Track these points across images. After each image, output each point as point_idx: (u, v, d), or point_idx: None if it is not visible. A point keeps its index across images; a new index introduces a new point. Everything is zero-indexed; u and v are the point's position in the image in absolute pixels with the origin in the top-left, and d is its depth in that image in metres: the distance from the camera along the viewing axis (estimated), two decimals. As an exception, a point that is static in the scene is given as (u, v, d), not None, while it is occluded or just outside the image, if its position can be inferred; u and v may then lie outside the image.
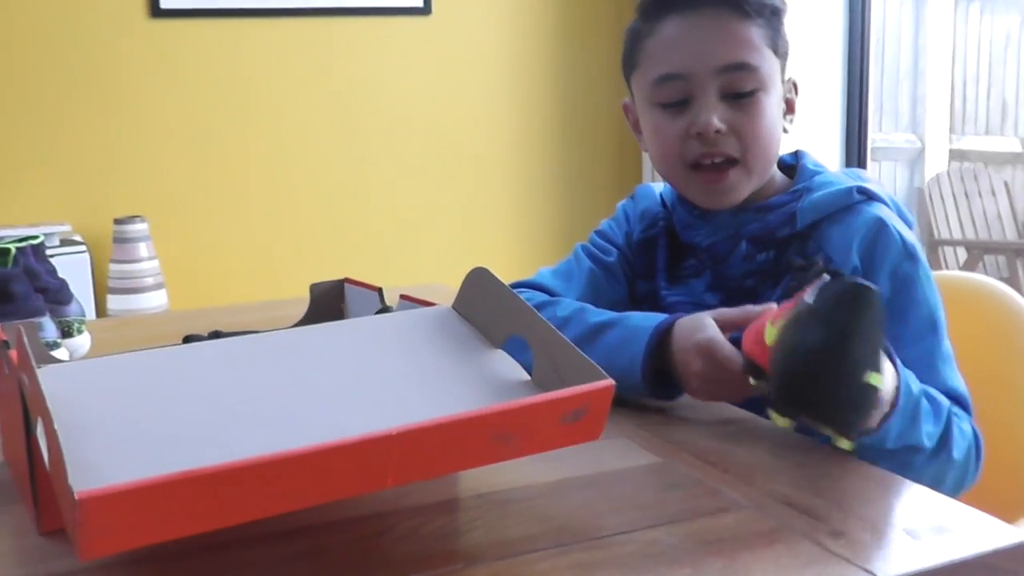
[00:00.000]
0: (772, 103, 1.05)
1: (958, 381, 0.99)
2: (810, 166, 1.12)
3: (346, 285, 1.08)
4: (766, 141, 1.05)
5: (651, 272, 1.16)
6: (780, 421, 0.76)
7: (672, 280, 1.14)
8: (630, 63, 1.10)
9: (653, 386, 0.95)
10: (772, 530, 0.68)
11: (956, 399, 0.97)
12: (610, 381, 0.67)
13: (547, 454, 0.81)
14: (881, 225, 1.02)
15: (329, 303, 1.08)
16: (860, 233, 1.02)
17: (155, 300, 2.77)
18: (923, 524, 0.69)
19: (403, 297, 0.91)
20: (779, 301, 0.84)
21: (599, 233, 1.23)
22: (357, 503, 0.73)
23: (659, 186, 1.21)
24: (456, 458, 0.63)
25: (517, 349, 0.79)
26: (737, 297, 1.06)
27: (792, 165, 1.13)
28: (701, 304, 1.09)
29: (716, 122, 1.02)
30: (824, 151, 3.00)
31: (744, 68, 1.03)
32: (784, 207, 1.07)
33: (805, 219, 1.05)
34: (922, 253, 1.04)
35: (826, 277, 0.78)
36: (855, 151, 3.04)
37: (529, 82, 3.26)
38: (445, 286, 1.53)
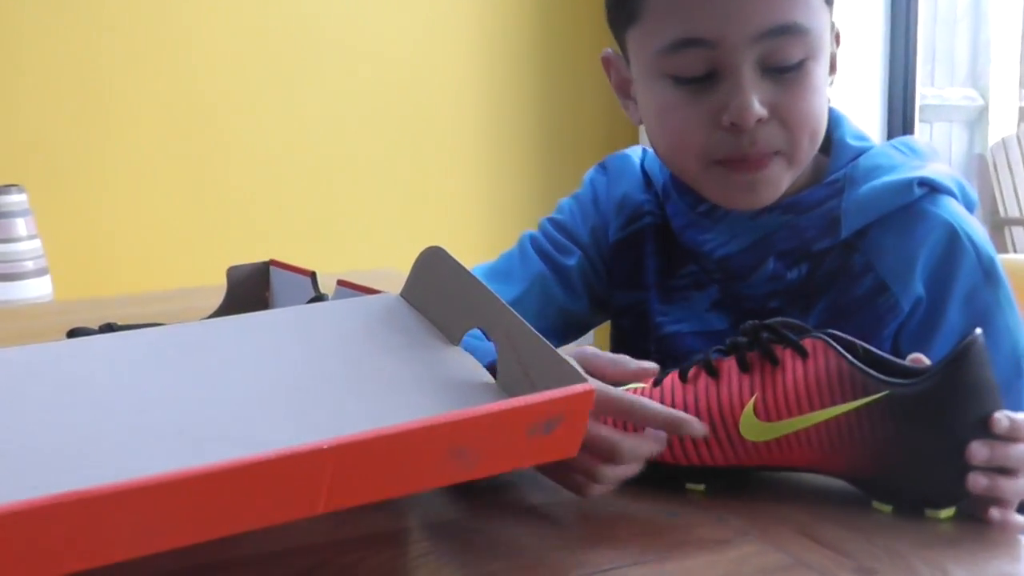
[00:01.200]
0: (822, 73, 0.97)
1: None
2: (850, 140, 1.04)
3: (272, 268, 1.09)
4: (816, 125, 0.98)
5: (635, 283, 1.11)
6: (884, 508, 0.78)
7: (666, 295, 1.08)
8: (624, 13, 1.00)
9: None
10: (785, 567, 0.69)
11: None
12: (590, 385, 0.68)
13: (514, 474, 0.82)
14: (953, 235, 0.97)
15: (250, 290, 1.08)
16: (926, 247, 0.97)
17: (37, 288, 2.76)
18: (968, 559, 0.70)
19: (341, 283, 0.92)
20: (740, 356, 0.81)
21: (555, 224, 1.16)
22: (281, 534, 0.73)
23: (637, 151, 1.15)
24: (403, 478, 0.64)
25: (480, 346, 0.80)
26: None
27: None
28: (707, 332, 1.05)
29: (758, 108, 0.93)
30: (862, 111, 3.02)
31: (792, 31, 0.93)
32: (821, 206, 1.00)
33: (851, 225, 0.99)
34: (1000, 267, 1.00)
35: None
36: (900, 111, 3.06)
37: (501, 36, 3.27)
38: (397, 271, 1.54)
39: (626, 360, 0.84)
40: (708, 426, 0.81)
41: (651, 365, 0.84)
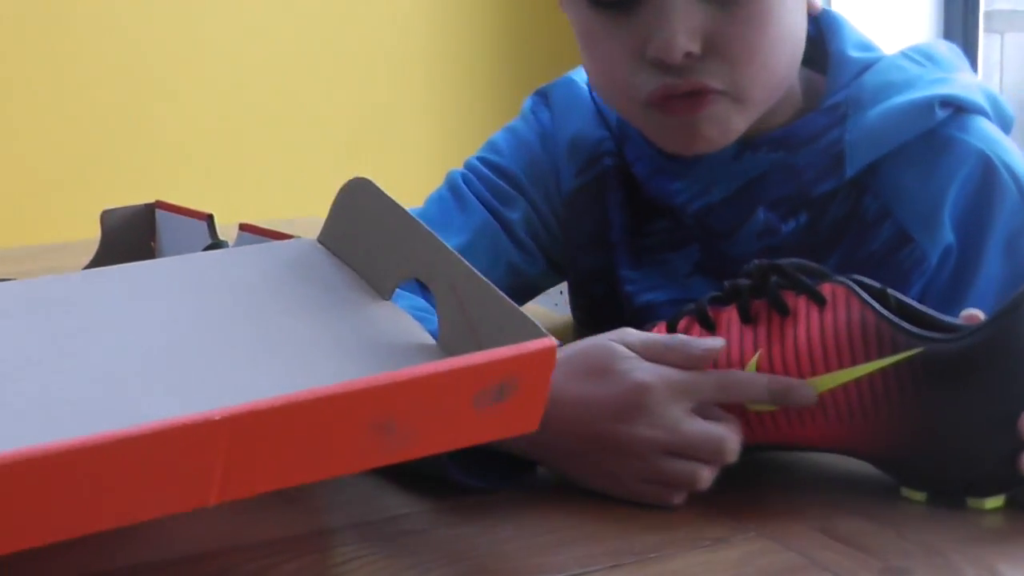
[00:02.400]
0: None
1: None
2: (852, 52, 1.03)
3: (157, 212, 1.09)
4: (772, 58, 0.96)
5: (600, 243, 1.10)
6: (916, 496, 0.79)
7: (635, 257, 1.08)
8: None
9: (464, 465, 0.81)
10: (796, 569, 0.70)
11: None
12: (551, 340, 0.68)
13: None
14: (988, 167, 0.98)
15: (131, 239, 1.08)
16: (955, 184, 0.98)
17: None
18: (1021, 556, 0.71)
19: (244, 228, 0.91)
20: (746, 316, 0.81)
21: (491, 166, 1.14)
22: (168, 535, 0.74)
23: (584, 75, 1.12)
24: (316, 460, 0.64)
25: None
26: None
27: (814, 40, 1.04)
28: (689, 301, 1.02)
29: (684, 42, 0.93)
30: (909, 18, 3.01)
31: None
32: (820, 139, 1.00)
33: (859, 161, 0.98)
34: None
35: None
36: (959, 17, 3.05)
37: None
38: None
39: (686, 341, 0.80)
40: None
41: (718, 343, 0.80)
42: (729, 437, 0.78)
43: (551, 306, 1.44)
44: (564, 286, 1.20)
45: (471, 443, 0.69)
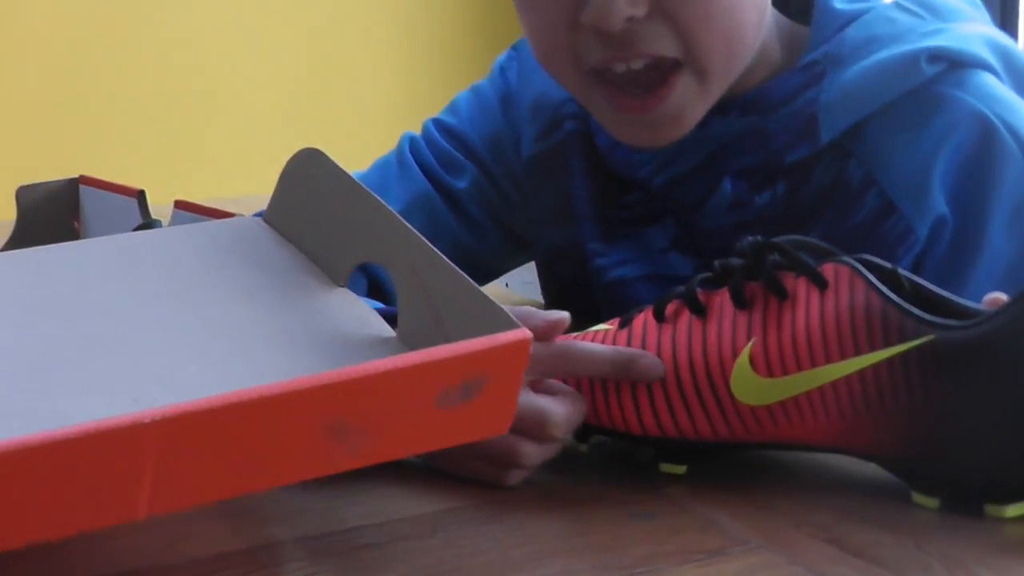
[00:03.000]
0: None
1: None
2: (838, 3, 1.03)
3: (81, 188, 1.09)
4: (732, 24, 0.95)
5: (564, 216, 1.10)
6: (928, 502, 0.78)
7: (606, 229, 1.09)
8: None
9: None
10: (803, 583, 0.70)
11: None
12: (525, 332, 0.68)
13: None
14: (986, 129, 0.97)
15: (52, 218, 1.08)
16: (946, 148, 0.98)
17: None
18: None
19: (179, 205, 0.91)
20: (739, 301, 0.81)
21: (444, 129, 1.16)
22: (93, 552, 0.73)
23: None
24: (260, 468, 0.64)
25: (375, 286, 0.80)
26: None
27: None
28: (666, 277, 1.05)
29: (623, 5, 0.92)
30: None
31: None
32: (793, 101, 1.00)
33: (835, 124, 0.99)
34: None
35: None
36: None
37: None
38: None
39: (530, 313, 0.82)
40: (692, 384, 0.81)
41: (561, 315, 0.82)
42: (552, 411, 0.79)
43: (501, 286, 1.44)
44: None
45: (434, 447, 0.69)
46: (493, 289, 1.21)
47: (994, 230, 0.98)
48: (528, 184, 1.13)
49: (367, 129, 3.22)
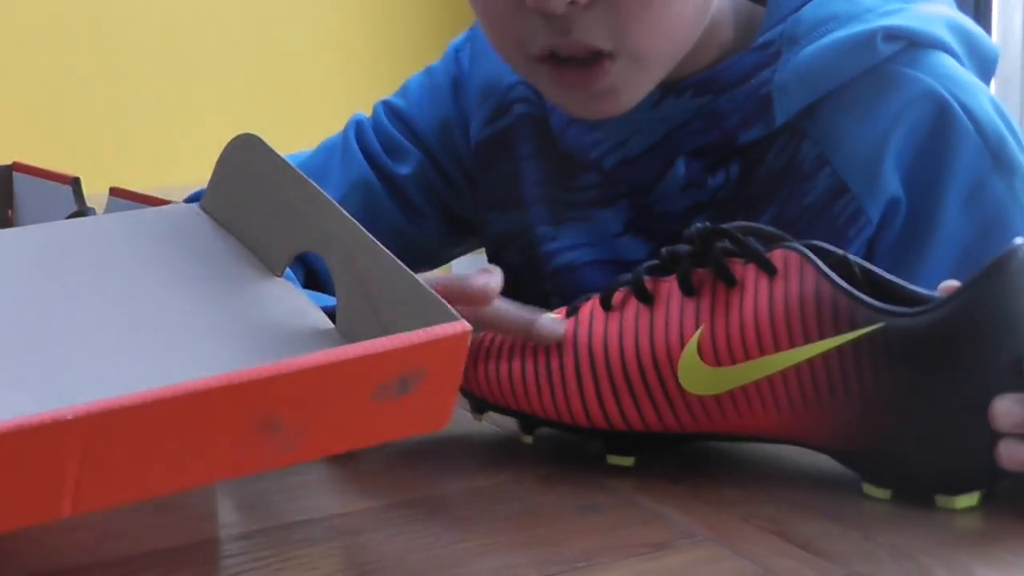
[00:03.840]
0: None
1: None
2: None
3: (15, 175, 1.08)
4: (669, 10, 0.94)
5: (512, 202, 1.12)
6: (879, 493, 0.78)
7: (556, 212, 1.10)
8: None
9: None
10: (748, 576, 0.70)
11: None
12: (464, 325, 0.67)
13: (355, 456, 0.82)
14: (942, 108, 0.98)
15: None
16: (900, 128, 0.98)
17: None
18: (1008, 560, 0.70)
19: (114, 192, 0.90)
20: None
21: (392, 112, 1.17)
22: (20, 551, 0.72)
23: None
24: (190, 464, 0.63)
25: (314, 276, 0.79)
26: None
27: None
28: (618, 262, 1.06)
29: None
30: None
31: None
32: (747, 81, 1.00)
33: (789, 104, 0.99)
34: (1018, 140, 1.01)
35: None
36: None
37: None
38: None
39: (462, 278, 0.83)
40: (639, 373, 0.80)
41: (487, 280, 0.83)
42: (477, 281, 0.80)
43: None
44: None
45: (370, 442, 0.68)
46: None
47: (948, 212, 0.98)
48: (477, 169, 1.14)
49: (320, 116, 3.22)
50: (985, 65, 1.04)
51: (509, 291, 1.14)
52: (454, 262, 1.31)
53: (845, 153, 0.99)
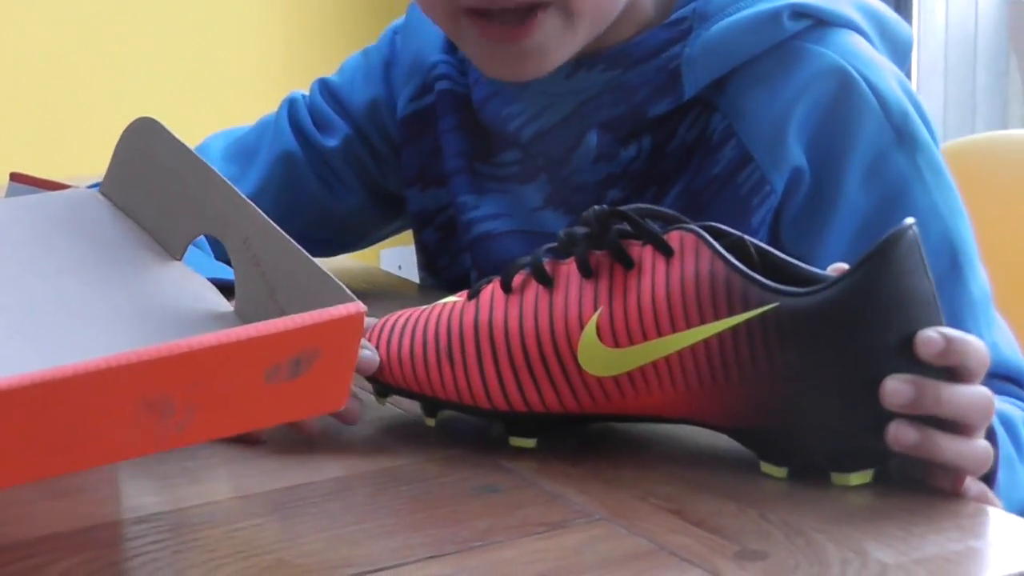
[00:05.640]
0: None
1: (1007, 346, 1.01)
2: None
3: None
4: None
5: (432, 175, 1.14)
6: (776, 472, 0.79)
7: (481, 186, 1.12)
8: None
9: None
10: (641, 555, 0.70)
11: (1013, 378, 0.98)
12: (359, 306, 0.68)
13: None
14: (845, 81, 1.00)
15: None
16: (805, 100, 1.00)
17: None
18: (895, 535, 0.72)
19: (15, 178, 0.90)
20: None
21: (326, 89, 1.20)
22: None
23: None
24: (79, 446, 0.63)
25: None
26: None
27: None
28: (538, 233, 1.07)
29: None
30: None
31: None
32: (657, 56, 1.02)
33: (697, 78, 1.01)
34: (925, 120, 1.02)
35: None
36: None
37: None
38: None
39: None
40: (539, 355, 0.81)
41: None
42: None
43: (394, 268, 1.46)
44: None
45: (265, 424, 0.69)
46: (373, 269, 1.22)
47: (850, 183, 1.00)
48: (400, 143, 1.16)
49: (251, 101, 3.21)
50: (899, 48, 1.07)
51: (429, 270, 1.16)
52: (382, 255, 1.33)
53: (750, 124, 1.01)
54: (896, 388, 0.74)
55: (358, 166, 1.18)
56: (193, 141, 0.86)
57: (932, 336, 0.74)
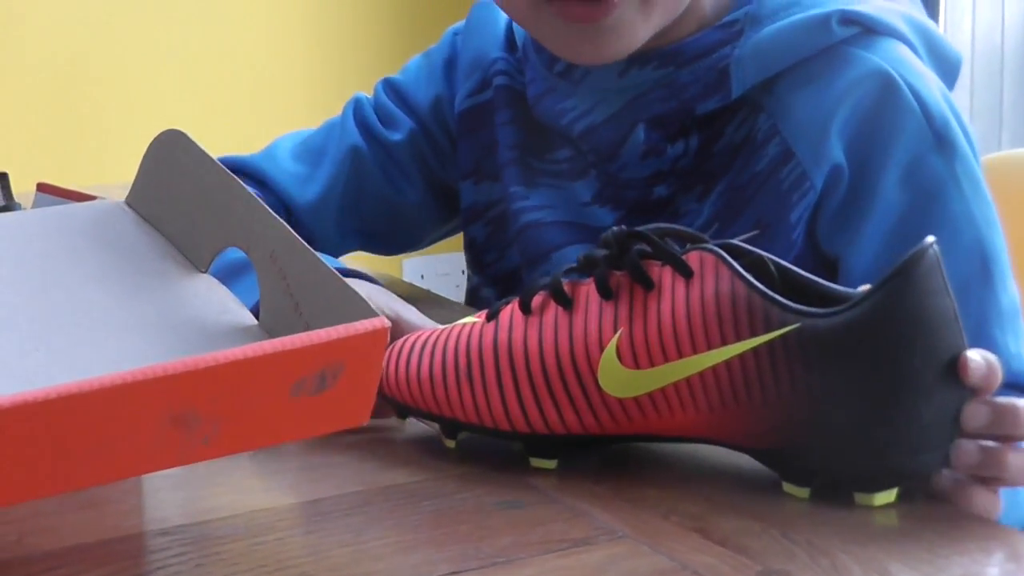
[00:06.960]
0: None
1: None
2: None
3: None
4: None
5: (486, 168, 1.17)
6: (799, 492, 0.80)
7: (532, 179, 1.14)
8: None
9: None
10: (666, 572, 0.70)
11: None
12: (383, 321, 0.68)
13: (277, 453, 0.83)
14: (888, 86, 1.01)
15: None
16: (848, 100, 1.02)
17: None
18: (920, 556, 0.72)
19: (42, 188, 0.91)
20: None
21: (391, 87, 1.23)
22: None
23: None
24: (103, 459, 0.63)
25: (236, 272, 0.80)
26: (644, 215, 1.06)
27: None
28: (585, 226, 1.11)
29: None
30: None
31: None
32: (709, 56, 1.04)
33: (746, 78, 1.03)
34: (967, 134, 1.03)
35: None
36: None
37: None
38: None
39: None
40: (559, 376, 0.81)
41: None
42: None
43: (417, 279, 1.47)
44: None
45: (290, 438, 0.69)
46: (393, 276, 1.23)
47: (887, 183, 1.01)
48: (458, 138, 1.19)
49: (296, 104, 3.21)
50: (947, 67, 1.08)
51: (475, 267, 1.18)
52: (404, 266, 1.35)
53: (794, 122, 1.02)
54: (976, 410, 0.75)
55: (420, 161, 1.21)
56: (217, 150, 0.87)
57: (976, 360, 0.75)
